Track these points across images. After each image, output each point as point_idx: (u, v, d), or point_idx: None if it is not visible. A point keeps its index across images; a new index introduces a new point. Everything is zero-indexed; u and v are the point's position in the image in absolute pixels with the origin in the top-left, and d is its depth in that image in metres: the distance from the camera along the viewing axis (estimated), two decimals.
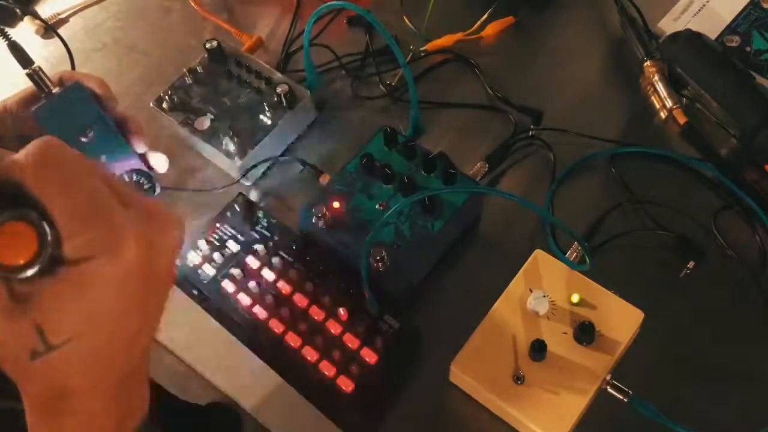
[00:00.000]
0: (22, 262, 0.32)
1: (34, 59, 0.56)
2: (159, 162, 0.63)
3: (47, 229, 0.33)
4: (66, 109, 0.54)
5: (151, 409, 0.41)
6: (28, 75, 0.53)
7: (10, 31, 0.56)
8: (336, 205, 0.68)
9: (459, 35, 0.84)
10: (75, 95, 0.55)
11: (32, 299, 0.33)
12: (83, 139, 0.55)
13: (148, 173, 0.61)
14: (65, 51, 0.80)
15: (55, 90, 0.54)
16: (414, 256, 0.65)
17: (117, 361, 0.37)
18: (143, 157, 0.62)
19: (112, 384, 0.37)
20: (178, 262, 0.66)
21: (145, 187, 0.60)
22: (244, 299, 0.65)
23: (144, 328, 0.37)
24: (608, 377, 0.59)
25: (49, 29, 0.88)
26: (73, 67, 0.80)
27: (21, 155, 0.33)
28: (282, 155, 0.78)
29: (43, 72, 0.54)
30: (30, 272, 0.32)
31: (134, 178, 0.58)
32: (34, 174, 0.33)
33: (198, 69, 0.80)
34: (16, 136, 0.57)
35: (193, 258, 0.68)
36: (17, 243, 0.32)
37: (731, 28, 0.80)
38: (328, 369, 0.61)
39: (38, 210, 0.33)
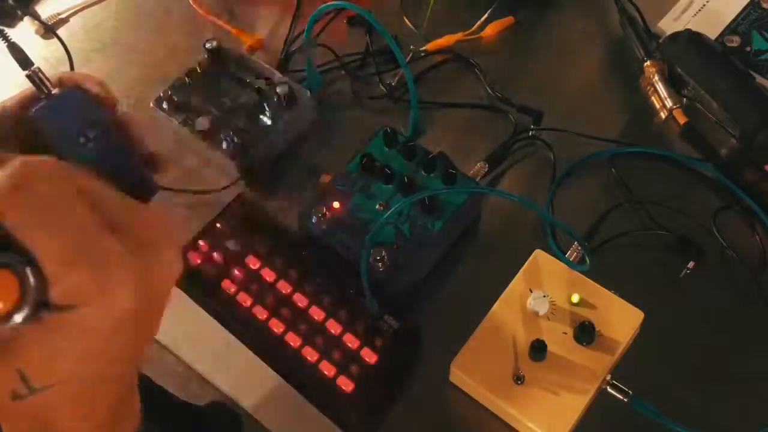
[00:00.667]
0: (2, 311, 0.30)
1: (34, 60, 0.56)
2: (160, 163, 0.63)
3: (30, 276, 0.30)
4: (65, 110, 0.54)
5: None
6: (27, 76, 0.53)
7: (10, 31, 0.56)
8: (336, 205, 0.68)
9: (459, 35, 0.84)
10: (74, 96, 0.55)
11: (15, 343, 0.31)
12: (83, 140, 0.55)
13: (146, 177, 0.60)
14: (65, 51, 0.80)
15: (55, 91, 0.54)
16: (414, 256, 0.65)
17: (106, 392, 0.35)
18: (144, 158, 0.62)
19: (101, 412, 0.35)
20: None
21: (144, 191, 0.60)
22: (244, 299, 0.65)
23: (136, 355, 0.36)
24: (608, 377, 0.59)
25: (53, 26, 0.88)
26: (72, 67, 0.80)
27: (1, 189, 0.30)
28: (282, 155, 0.78)
29: (43, 73, 0.53)
30: (11, 322, 0.30)
31: (133, 182, 0.58)
32: (10, 212, 0.29)
33: (198, 69, 0.80)
34: (15, 138, 0.57)
35: (193, 258, 0.68)
36: None
37: (731, 28, 0.80)
38: (328, 369, 0.61)
39: (21, 249, 0.30)
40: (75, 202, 0.31)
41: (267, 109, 0.76)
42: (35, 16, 0.87)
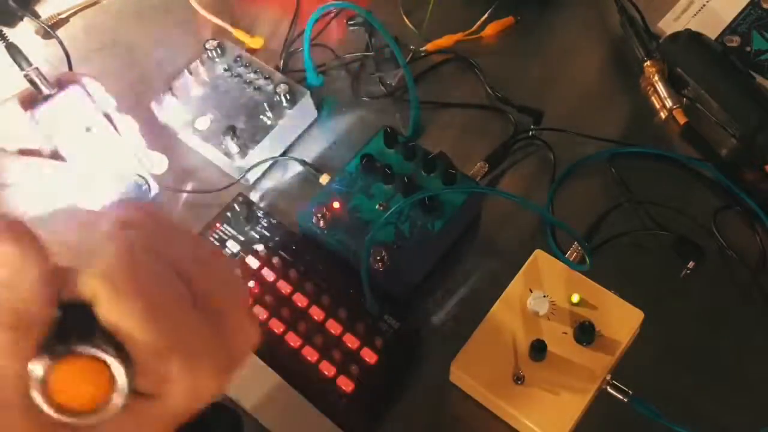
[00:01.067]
0: (87, 406, 0.27)
1: (34, 60, 0.56)
2: (157, 162, 0.63)
3: (123, 371, 0.27)
4: (64, 110, 0.54)
5: None
6: (26, 77, 0.53)
7: (9, 31, 0.56)
8: (336, 205, 0.68)
9: (459, 35, 0.84)
10: (73, 96, 0.55)
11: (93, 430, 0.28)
12: (81, 140, 0.55)
13: (146, 174, 0.61)
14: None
15: (54, 91, 0.54)
16: (414, 256, 0.65)
17: None
18: (141, 157, 0.62)
19: None
20: None
21: (143, 188, 0.60)
22: None
23: None
24: (608, 377, 0.59)
25: (53, 27, 0.88)
26: (70, 68, 0.80)
27: (89, 263, 0.27)
28: (282, 155, 0.78)
29: (41, 73, 0.54)
30: (96, 418, 0.27)
31: (133, 179, 0.58)
32: (107, 295, 0.26)
33: (198, 69, 0.80)
34: (15, 138, 0.57)
35: None
36: (81, 382, 0.27)
37: (731, 28, 0.80)
38: (328, 369, 0.61)
39: (110, 338, 0.27)
40: (167, 279, 0.28)
41: (267, 109, 0.76)
42: (35, 17, 0.87)
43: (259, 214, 0.70)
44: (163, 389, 0.29)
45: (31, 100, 0.56)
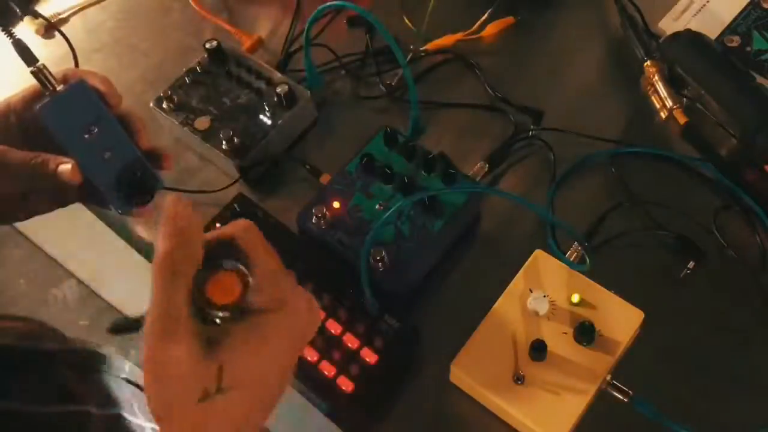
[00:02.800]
0: (229, 300, 0.38)
1: None
2: (162, 159, 0.63)
3: (250, 279, 0.39)
4: (71, 106, 0.54)
5: None
6: (32, 73, 0.53)
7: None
8: (336, 205, 0.68)
9: (459, 35, 0.84)
10: (79, 93, 0.55)
11: (222, 342, 0.37)
12: (87, 137, 0.55)
13: (151, 170, 0.60)
14: (65, 51, 0.80)
15: (60, 88, 0.54)
16: (414, 256, 0.65)
17: (258, 419, 0.41)
18: (146, 154, 0.62)
19: (256, 426, 0.41)
20: None
21: (149, 184, 0.60)
22: None
23: (287, 387, 0.43)
24: (608, 377, 0.59)
25: (51, 28, 0.88)
26: (76, 64, 0.80)
27: (237, 224, 0.41)
28: (282, 155, 0.78)
29: (48, 70, 0.54)
30: (231, 312, 0.38)
31: (138, 176, 0.58)
32: (247, 236, 0.40)
33: (198, 69, 0.80)
34: (20, 134, 0.57)
35: None
36: (226, 287, 0.39)
37: (731, 28, 0.80)
38: (328, 369, 0.61)
39: (242, 262, 0.40)
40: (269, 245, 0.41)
41: (267, 109, 0.76)
42: (37, 15, 0.87)
43: (259, 214, 0.70)
44: (276, 306, 0.39)
45: (37, 96, 0.56)
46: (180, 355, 0.36)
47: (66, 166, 0.53)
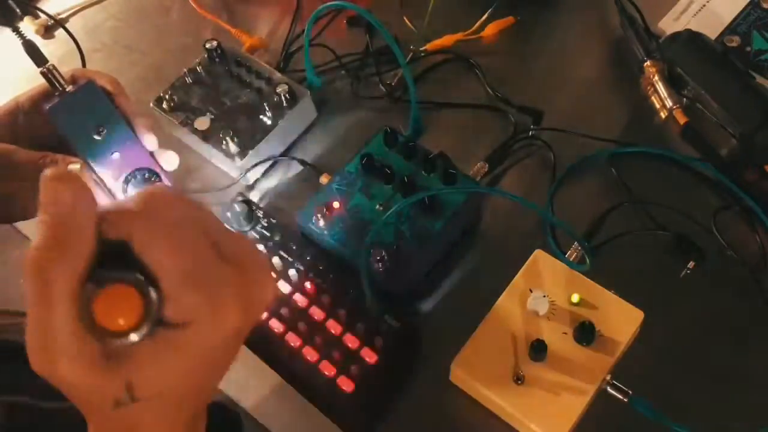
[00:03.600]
0: (124, 327, 0.31)
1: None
2: (169, 160, 0.63)
3: (153, 295, 0.32)
4: (80, 107, 0.54)
5: None
6: (42, 73, 0.53)
7: (7, 31, 0.56)
8: (336, 205, 0.68)
9: (459, 35, 0.84)
10: (88, 93, 0.55)
11: (127, 357, 0.32)
12: (96, 137, 0.55)
13: (158, 171, 0.61)
14: (66, 51, 0.80)
15: (69, 88, 0.54)
16: (414, 257, 0.65)
17: (191, 407, 0.38)
18: (153, 155, 0.62)
19: (179, 425, 0.38)
20: None
21: (156, 181, 0.60)
22: None
23: (223, 374, 0.38)
24: (608, 377, 0.59)
25: (52, 27, 0.88)
26: (84, 64, 0.80)
27: (128, 208, 0.32)
28: (282, 155, 0.78)
29: (57, 70, 0.54)
30: (132, 339, 0.31)
31: (145, 176, 0.58)
32: (138, 233, 0.32)
33: (198, 69, 0.80)
34: (28, 134, 0.57)
35: None
36: (120, 306, 0.31)
37: (731, 28, 0.80)
38: (328, 369, 0.61)
39: (142, 269, 0.32)
40: (194, 229, 0.33)
41: (267, 109, 0.76)
42: (40, 13, 0.87)
43: (259, 214, 0.70)
44: (190, 318, 0.32)
45: (45, 96, 0.56)
46: (65, 375, 0.31)
47: (74, 166, 0.53)
